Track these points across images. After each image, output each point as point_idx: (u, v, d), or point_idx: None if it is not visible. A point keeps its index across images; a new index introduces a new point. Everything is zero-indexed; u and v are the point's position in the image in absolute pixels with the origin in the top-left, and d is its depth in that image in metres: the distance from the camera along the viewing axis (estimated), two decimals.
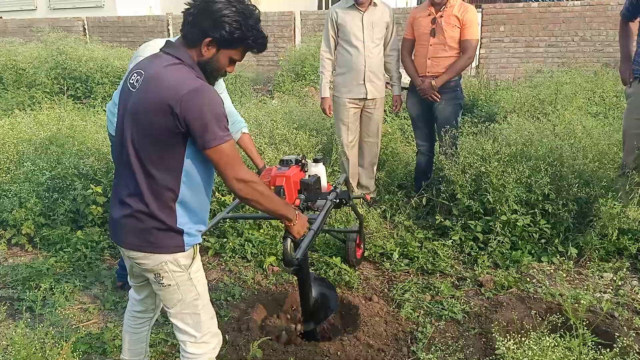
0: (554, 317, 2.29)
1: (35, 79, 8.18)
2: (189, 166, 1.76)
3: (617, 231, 3.31)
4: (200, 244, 1.92)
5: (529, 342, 2.05)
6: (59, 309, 2.87)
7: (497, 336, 2.18)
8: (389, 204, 4.22)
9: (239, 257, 3.57)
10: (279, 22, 10.71)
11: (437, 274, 3.32)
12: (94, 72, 8.29)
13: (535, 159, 3.76)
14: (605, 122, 5.37)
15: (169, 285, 1.85)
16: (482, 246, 3.52)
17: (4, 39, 10.76)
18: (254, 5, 1.80)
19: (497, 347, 2.12)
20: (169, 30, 11.27)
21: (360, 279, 3.28)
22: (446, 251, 3.49)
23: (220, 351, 2.04)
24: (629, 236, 3.37)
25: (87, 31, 11.89)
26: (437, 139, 4.21)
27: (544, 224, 3.46)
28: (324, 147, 4.79)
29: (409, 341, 2.69)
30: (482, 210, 3.60)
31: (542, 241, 3.48)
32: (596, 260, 3.34)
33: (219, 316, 2.77)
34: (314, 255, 3.53)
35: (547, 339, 2.06)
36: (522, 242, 3.47)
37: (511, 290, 3.10)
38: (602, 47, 8.98)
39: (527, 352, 2.00)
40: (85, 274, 3.40)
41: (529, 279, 3.18)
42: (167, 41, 1.85)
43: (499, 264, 3.37)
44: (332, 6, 4.27)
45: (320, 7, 14.86)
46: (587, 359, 2.03)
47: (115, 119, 2.21)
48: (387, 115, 6.06)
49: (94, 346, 2.67)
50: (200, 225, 1.89)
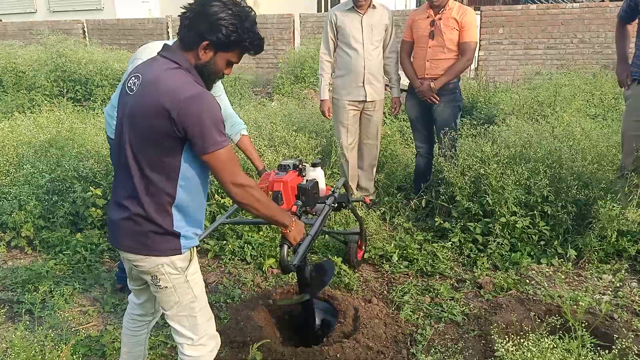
0: (553, 318, 2.29)
1: (35, 81, 8.19)
2: (186, 170, 1.77)
3: (616, 233, 3.31)
4: (197, 246, 1.92)
5: (528, 343, 2.05)
6: (59, 311, 2.86)
7: (496, 338, 2.18)
8: (389, 206, 4.21)
9: (238, 260, 3.57)
10: (278, 24, 10.72)
11: (437, 276, 3.32)
12: (93, 74, 8.30)
13: (534, 160, 3.76)
14: (604, 124, 5.37)
15: (166, 287, 1.85)
16: (482, 248, 3.52)
17: (3, 41, 10.76)
18: (249, 7, 1.81)
19: (496, 348, 2.12)
20: (168, 32, 11.28)
21: (359, 281, 3.28)
22: (445, 253, 3.49)
23: (219, 353, 2.04)
24: (628, 238, 3.37)
25: (86, 34, 11.91)
26: (436, 141, 4.21)
27: (543, 226, 3.46)
28: (323, 150, 4.79)
29: (409, 343, 2.69)
30: (481, 212, 3.61)
31: (541, 243, 3.48)
32: (595, 262, 3.34)
33: (218, 318, 2.78)
34: (313, 257, 3.53)
35: (546, 340, 2.06)
36: (521, 244, 3.47)
37: (510, 292, 3.10)
38: (601, 49, 8.99)
39: (526, 353, 2.00)
40: (84, 277, 3.41)
41: (528, 281, 3.18)
42: (165, 44, 1.85)
43: (498, 265, 3.37)
44: (331, 8, 4.28)
45: (319, 10, 14.86)
46: None
47: (113, 122, 2.21)
48: (386, 117, 6.06)
49: (93, 349, 2.67)
50: (196, 228, 1.89)
